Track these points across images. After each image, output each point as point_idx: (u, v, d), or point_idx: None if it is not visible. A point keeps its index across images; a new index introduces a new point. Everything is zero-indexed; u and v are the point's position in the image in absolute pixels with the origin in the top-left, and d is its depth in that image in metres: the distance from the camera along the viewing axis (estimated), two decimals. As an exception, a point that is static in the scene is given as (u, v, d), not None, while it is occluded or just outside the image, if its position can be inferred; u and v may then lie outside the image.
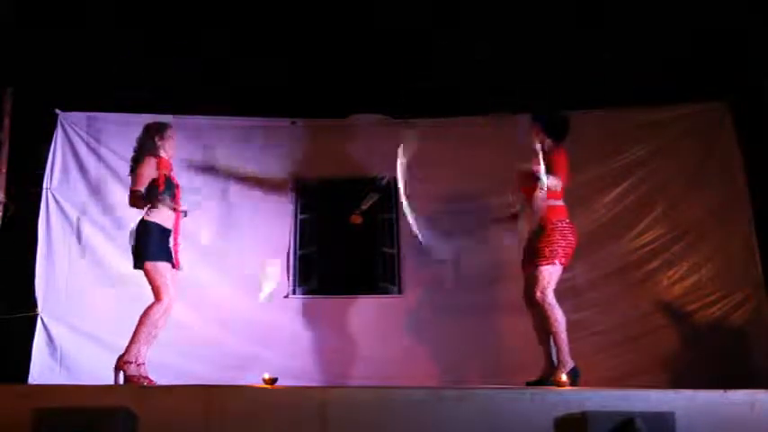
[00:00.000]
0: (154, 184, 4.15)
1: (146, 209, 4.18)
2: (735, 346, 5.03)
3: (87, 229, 5.36)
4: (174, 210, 4.21)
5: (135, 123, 5.51)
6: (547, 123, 4.28)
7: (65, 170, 5.43)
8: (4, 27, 4.90)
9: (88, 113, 5.55)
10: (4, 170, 5.21)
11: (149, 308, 4.09)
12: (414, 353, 5.21)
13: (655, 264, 5.30)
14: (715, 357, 4.99)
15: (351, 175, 5.64)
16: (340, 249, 5.65)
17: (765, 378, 4.59)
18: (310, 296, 5.51)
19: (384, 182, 5.54)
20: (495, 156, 5.46)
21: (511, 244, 5.46)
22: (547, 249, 4.10)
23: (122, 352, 4.05)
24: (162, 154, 4.28)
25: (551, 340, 4.14)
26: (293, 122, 5.73)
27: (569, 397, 2.94)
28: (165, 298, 4.09)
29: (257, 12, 5.07)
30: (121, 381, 3.99)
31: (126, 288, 5.29)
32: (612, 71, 5.20)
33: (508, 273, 5.38)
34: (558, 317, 4.08)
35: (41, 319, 5.16)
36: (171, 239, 4.22)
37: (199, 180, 5.45)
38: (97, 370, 5.06)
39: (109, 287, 5.28)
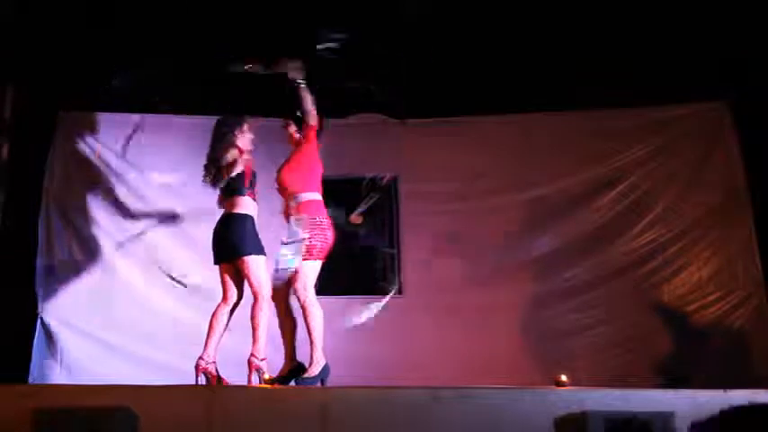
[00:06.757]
0: (241, 175, 4.16)
1: (228, 202, 4.19)
2: (735, 346, 5.04)
3: (87, 229, 5.35)
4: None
5: (134, 123, 5.59)
6: (296, 122, 4.38)
7: (65, 170, 5.42)
8: (4, 26, 4.90)
9: (88, 113, 5.53)
10: (4, 170, 5.21)
11: (255, 309, 4.08)
12: (413, 353, 5.20)
13: (654, 264, 5.31)
14: (715, 357, 5.00)
15: (351, 175, 5.64)
16: (340, 249, 5.64)
17: (765, 378, 4.59)
18: (310, 296, 5.51)
19: (384, 182, 5.54)
20: (494, 156, 5.48)
21: (510, 245, 5.52)
22: (306, 246, 4.04)
23: (252, 353, 4.03)
24: (240, 146, 4.27)
25: (293, 336, 4.14)
26: (293, 122, 5.71)
27: (569, 397, 2.94)
28: (267, 292, 4.09)
29: (258, 12, 5.07)
30: (255, 380, 3.99)
31: (126, 288, 5.32)
32: (613, 71, 5.19)
33: (508, 273, 5.39)
34: (318, 314, 4.04)
35: (41, 319, 5.16)
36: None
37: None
38: (97, 370, 5.08)
39: (108, 287, 5.29)
